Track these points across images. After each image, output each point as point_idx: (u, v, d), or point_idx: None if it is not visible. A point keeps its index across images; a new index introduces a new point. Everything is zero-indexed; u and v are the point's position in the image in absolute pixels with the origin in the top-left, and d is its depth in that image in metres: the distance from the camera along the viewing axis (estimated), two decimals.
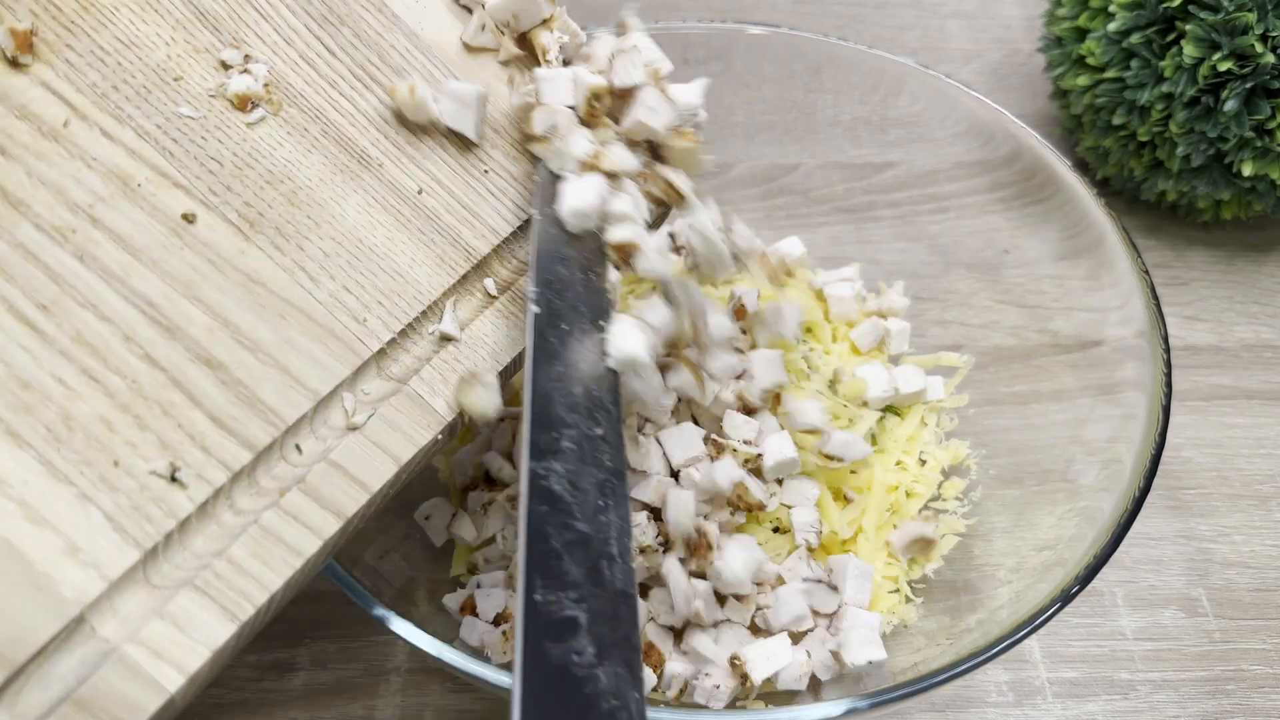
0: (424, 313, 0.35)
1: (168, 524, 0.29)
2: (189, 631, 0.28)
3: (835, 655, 0.42)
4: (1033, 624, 0.37)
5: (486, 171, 0.38)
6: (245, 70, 0.35)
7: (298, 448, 0.32)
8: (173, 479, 0.30)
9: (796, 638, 0.43)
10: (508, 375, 0.37)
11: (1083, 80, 0.62)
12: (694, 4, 0.80)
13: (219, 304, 0.32)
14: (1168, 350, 0.44)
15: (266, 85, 0.36)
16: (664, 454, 0.43)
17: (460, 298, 0.37)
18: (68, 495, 0.28)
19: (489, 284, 0.37)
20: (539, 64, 0.40)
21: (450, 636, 0.42)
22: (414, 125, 0.38)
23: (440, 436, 0.34)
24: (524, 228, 0.38)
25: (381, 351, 0.34)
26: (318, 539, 0.31)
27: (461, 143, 0.38)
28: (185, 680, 0.28)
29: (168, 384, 0.31)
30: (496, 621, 0.42)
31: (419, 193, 0.37)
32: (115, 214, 0.32)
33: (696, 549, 0.40)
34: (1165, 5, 0.57)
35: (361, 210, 0.36)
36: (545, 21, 0.40)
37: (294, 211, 0.35)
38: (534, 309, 0.34)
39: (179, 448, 0.30)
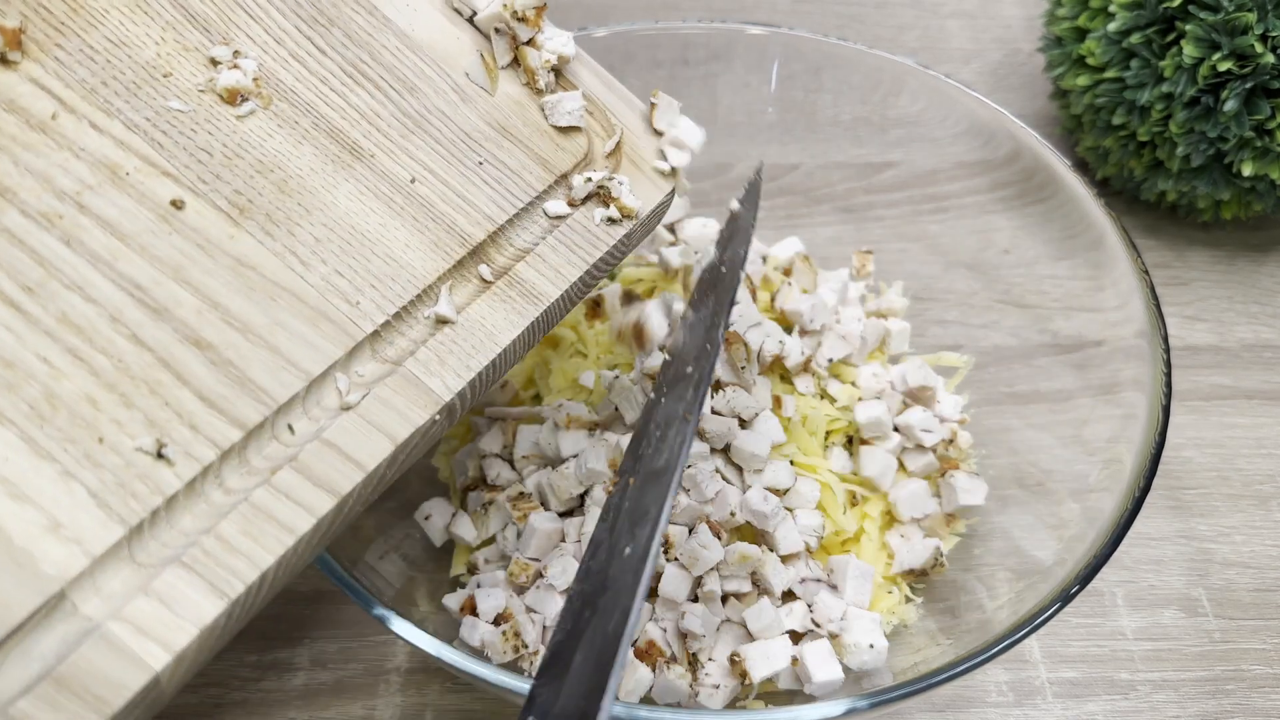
0: (419, 297, 0.36)
1: (154, 501, 0.29)
2: (176, 609, 0.28)
3: (835, 652, 0.42)
4: (1033, 624, 0.37)
5: (481, 163, 0.39)
6: (235, 66, 0.36)
7: (290, 427, 0.32)
8: (159, 456, 0.29)
9: (796, 638, 0.43)
10: (506, 361, 0.37)
11: (1083, 80, 0.62)
12: (694, 4, 0.80)
13: (208, 287, 0.32)
14: (1168, 350, 0.44)
15: (256, 80, 0.36)
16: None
17: (456, 282, 0.37)
18: (50, 472, 0.28)
19: (484, 270, 0.37)
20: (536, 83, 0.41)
21: (450, 636, 0.42)
22: (408, 119, 0.38)
23: (438, 418, 0.34)
24: (519, 216, 0.39)
25: (376, 334, 0.34)
26: (311, 517, 0.31)
27: (455, 136, 0.39)
28: (171, 658, 0.27)
29: (155, 363, 0.31)
30: (496, 621, 0.42)
31: (412, 181, 0.37)
32: (103, 201, 0.32)
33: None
34: (1165, 5, 0.57)
35: (353, 198, 0.36)
36: (531, 41, 0.40)
37: (284, 199, 0.35)
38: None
39: (166, 425, 0.30)
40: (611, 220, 0.39)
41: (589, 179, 0.39)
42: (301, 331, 0.33)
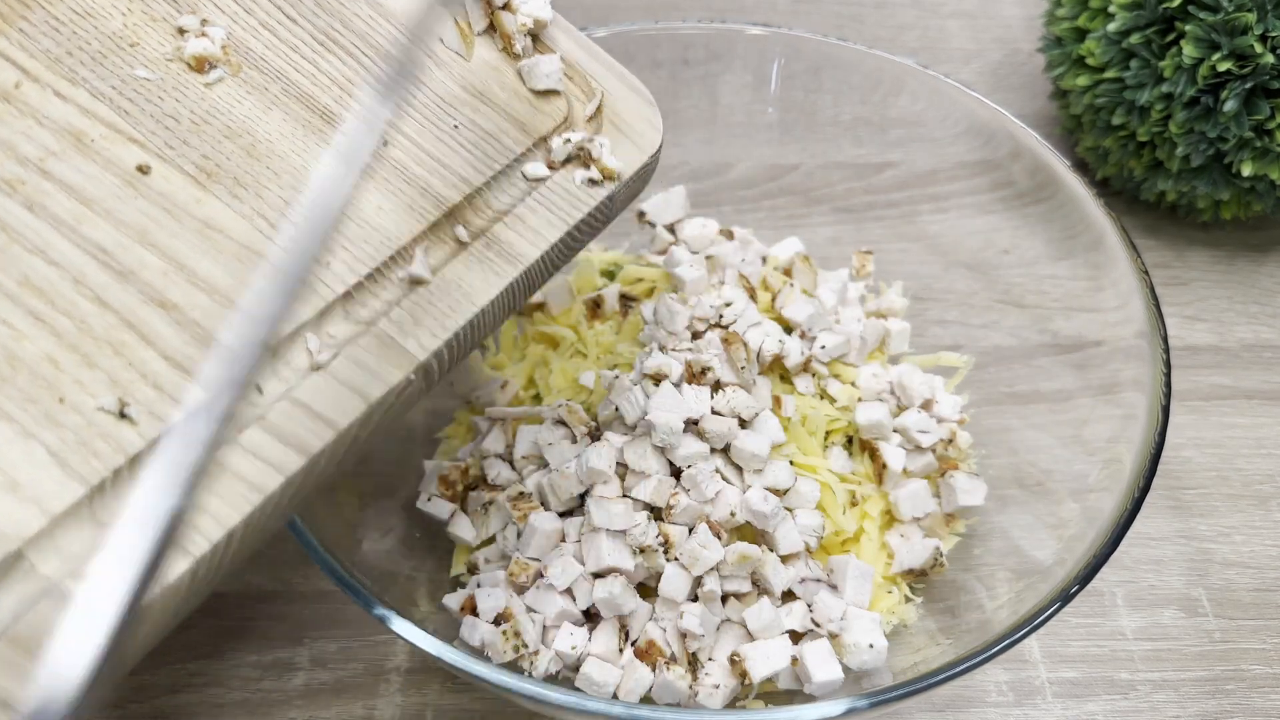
0: (392, 258, 0.35)
1: (116, 459, 0.29)
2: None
3: (835, 650, 0.42)
4: (1033, 624, 0.37)
5: (456, 126, 0.39)
6: (202, 34, 0.36)
7: (258, 388, 0.32)
8: (122, 415, 0.29)
9: (796, 638, 0.43)
10: (486, 323, 0.36)
11: (1082, 80, 0.62)
12: (694, 4, 0.80)
13: (174, 249, 0.32)
14: (1167, 350, 0.44)
15: (224, 48, 0.36)
16: (666, 456, 0.44)
17: (431, 244, 0.36)
18: (8, 432, 0.28)
19: (460, 231, 0.37)
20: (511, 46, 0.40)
21: (450, 636, 0.42)
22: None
23: (413, 378, 0.34)
24: (497, 178, 0.38)
25: (348, 295, 0.34)
26: (280, 475, 0.30)
27: (429, 101, 0.39)
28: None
29: (119, 325, 0.31)
30: (497, 621, 0.42)
31: (385, 145, 0.37)
32: (66, 167, 0.32)
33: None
34: (1165, 5, 0.57)
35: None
36: (506, 5, 0.40)
37: (253, 163, 0.35)
38: None
39: (130, 385, 0.30)
40: (593, 181, 0.39)
41: (568, 140, 0.39)
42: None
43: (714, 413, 0.44)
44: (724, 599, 0.43)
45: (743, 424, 0.45)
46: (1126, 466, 0.41)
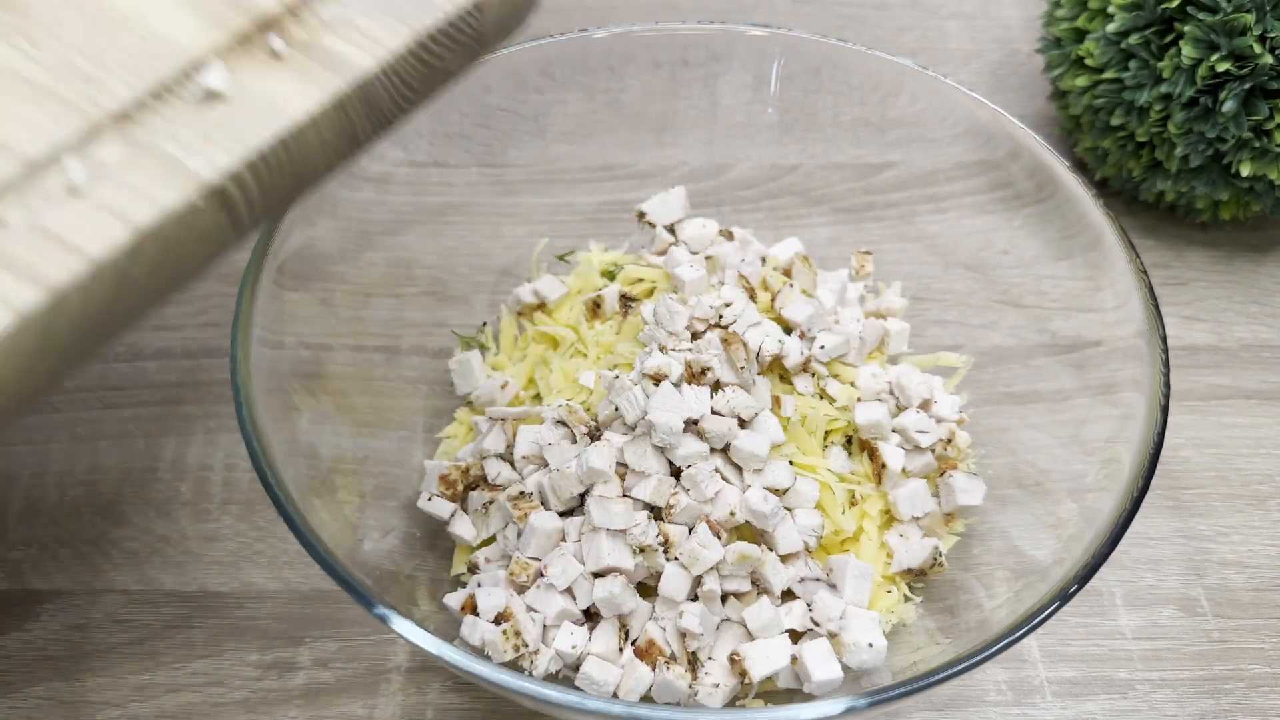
0: (184, 73, 0.31)
1: None
2: None
3: (834, 649, 0.42)
4: (1032, 623, 0.37)
5: None
6: None
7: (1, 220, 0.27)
8: None
9: (796, 637, 0.43)
10: (309, 149, 0.32)
11: (1081, 81, 0.62)
12: (694, 4, 0.80)
13: None
14: (1166, 350, 0.44)
15: None
16: (665, 456, 0.44)
17: (237, 57, 0.31)
18: None
19: (276, 42, 0.32)
20: None
21: (451, 635, 0.42)
22: None
23: (202, 204, 0.29)
24: None
25: (125, 115, 0.30)
26: (11, 313, 0.26)
27: None
28: None
29: None
30: (497, 620, 0.42)
31: None
32: None
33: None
34: (1164, 6, 0.57)
35: None
36: None
37: None
38: None
39: None
40: None
41: None
42: (21, 113, 0.29)
43: (714, 413, 0.44)
44: (724, 598, 0.43)
45: (742, 424, 0.45)
46: (1125, 466, 0.41)
